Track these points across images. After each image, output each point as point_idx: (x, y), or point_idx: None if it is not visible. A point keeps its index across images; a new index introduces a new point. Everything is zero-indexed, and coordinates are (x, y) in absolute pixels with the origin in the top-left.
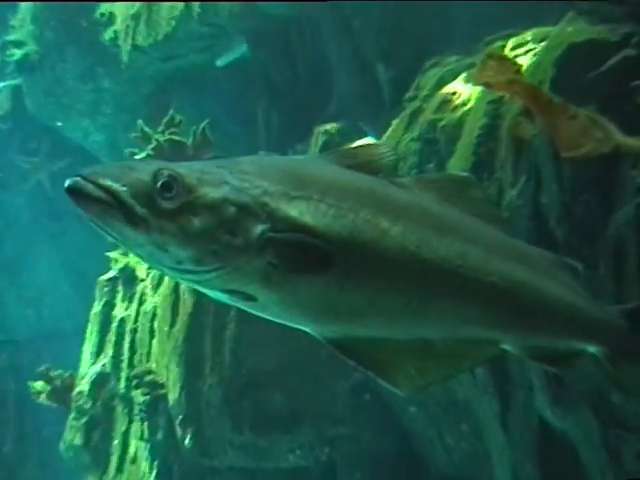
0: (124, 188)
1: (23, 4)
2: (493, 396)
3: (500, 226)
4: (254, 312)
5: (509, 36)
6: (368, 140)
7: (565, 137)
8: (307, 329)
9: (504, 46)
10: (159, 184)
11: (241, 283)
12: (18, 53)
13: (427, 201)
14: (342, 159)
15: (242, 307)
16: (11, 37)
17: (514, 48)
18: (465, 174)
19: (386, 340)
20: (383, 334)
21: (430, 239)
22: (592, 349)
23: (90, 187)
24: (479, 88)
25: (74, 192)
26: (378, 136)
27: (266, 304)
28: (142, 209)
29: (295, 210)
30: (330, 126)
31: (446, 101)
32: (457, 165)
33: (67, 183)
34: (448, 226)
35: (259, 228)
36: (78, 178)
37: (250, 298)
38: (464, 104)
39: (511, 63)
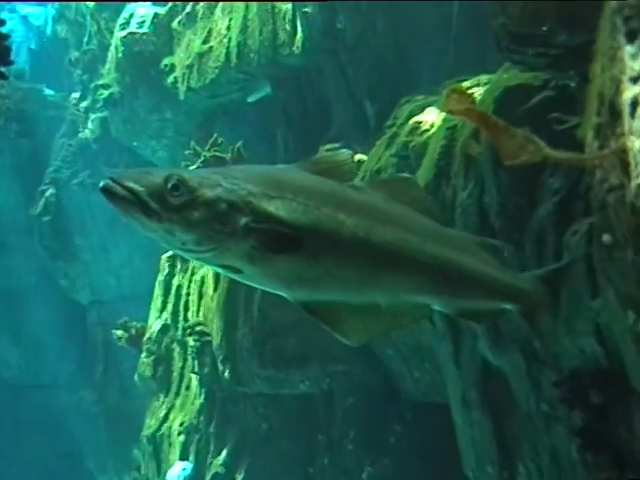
0: (142, 188)
1: (109, 57)
2: (448, 341)
3: (435, 217)
4: (242, 281)
5: (462, 81)
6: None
7: (507, 150)
8: (283, 294)
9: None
10: (169, 185)
11: (231, 260)
12: (105, 93)
13: (376, 199)
14: (312, 167)
15: (233, 277)
16: (100, 81)
17: (466, 89)
18: (408, 176)
19: (343, 303)
20: (342, 299)
21: (377, 228)
22: (509, 307)
23: (117, 188)
24: (440, 119)
25: (106, 191)
26: (366, 153)
27: (251, 275)
28: (156, 205)
29: (272, 207)
30: (330, 146)
31: (415, 128)
32: (423, 174)
33: (101, 184)
34: (392, 218)
35: (243, 220)
36: (109, 180)
37: (239, 271)
38: (428, 130)
39: (468, 96)
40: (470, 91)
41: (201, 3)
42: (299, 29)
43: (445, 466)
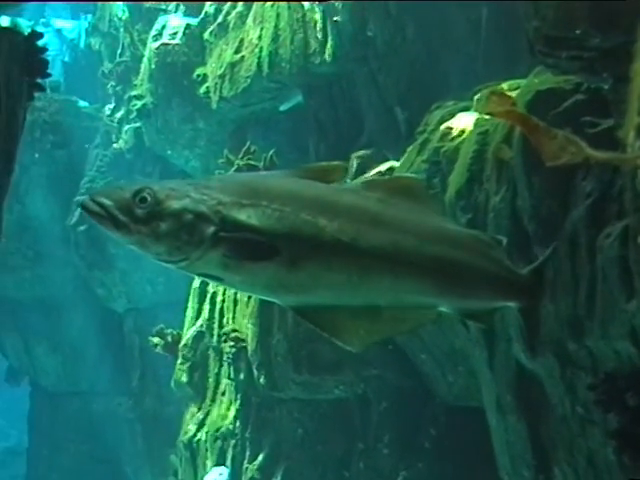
0: (111, 203)
1: (142, 69)
2: (482, 346)
3: (441, 215)
4: (228, 288)
5: (491, 86)
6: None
7: (548, 152)
8: (272, 300)
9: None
10: (137, 199)
11: (206, 269)
12: (139, 104)
13: (368, 201)
14: (301, 173)
15: (218, 284)
16: (134, 92)
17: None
18: (411, 175)
19: (340, 307)
20: (334, 302)
21: (365, 231)
22: (511, 304)
23: (90, 203)
24: (471, 124)
25: (82, 207)
26: (397, 159)
27: (232, 283)
28: (124, 217)
29: (244, 215)
30: (362, 153)
31: (446, 133)
32: (455, 179)
33: (80, 200)
34: (384, 220)
35: (211, 229)
36: (86, 197)
37: (218, 279)
38: (459, 135)
39: (508, 97)
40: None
41: (232, 14)
42: (330, 37)
43: (480, 470)
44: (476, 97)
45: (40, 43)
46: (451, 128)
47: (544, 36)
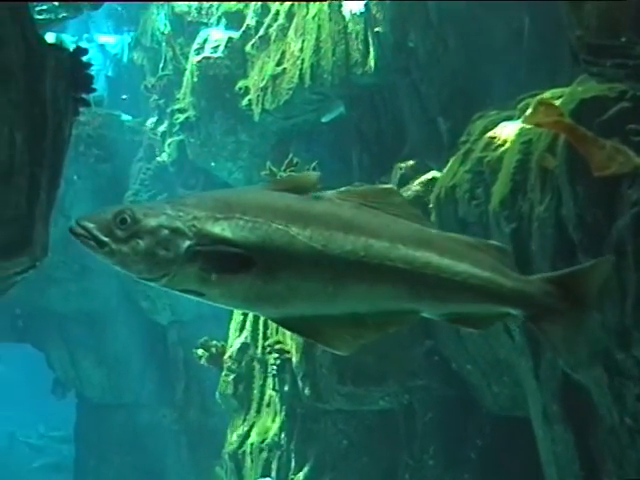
0: (92, 225)
1: (185, 82)
2: (528, 356)
3: (419, 221)
4: (210, 303)
5: (534, 95)
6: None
7: (597, 161)
8: (253, 313)
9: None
10: (117, 220)
11: (186, 284)
12: (182, 117)
13: (341, 208)
14: (275, 185)
15: (200, 300)
16: (176, 106)
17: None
18: (386, 185)
19: (322, 316)
20: (315, 312)
21: (337, 238)
22: (514, 312)
23: (76, 226)
24: (514, 133)
25: (70, 231)
26: (440, 169)
27: (212, 297)
28: (105, 238)
29: (218, 228)
30: (405, 164)
31: (489, 143)
32: (499, 189)
33: (69, 226)
34: (355, 226)
35: (186, 244)
36: (74, 222)
37: (199, 294)
38: (502, 145)
39: (556, 108)
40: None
41: (274, 26)
42: (371, 48)
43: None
44: (519, 106)
45: (85, 59)
46: (494, 138)
47: (588, 44)
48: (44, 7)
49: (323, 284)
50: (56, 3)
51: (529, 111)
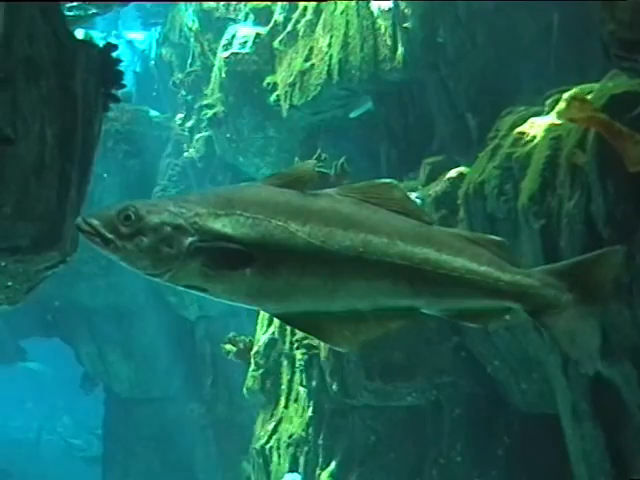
0: (97, 222)
1: (213, 78)
2: (557, 353)
3: (417, 216)
4: (213, 298)
5: (563, 91)
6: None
7: (632, 157)
8: (255, 308)
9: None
10: (121, 217)
11: (188, 280)
12: (210, 113)
13: (341, 204)
14: (275, 181)
15: (203, 295)
16: (204, 102)
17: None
18: (387, 180)
19: (322, 312)
20: (315, 307)
21: (337, 234)
22: (514, 306)
23: (82, 223)
24: (543, 129)
25: (77, 228)
26: (468, 165)
27: (215, 293)
28: (110, 234)
29: (219, 224)
30: (433, 159)
31: (518, 139)
32: (528, 185)
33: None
34: (355, 222)
35: (188, 240)
36: (79, 218)
37: (203, 290)
38: (531, 141)
39: (590, 103)
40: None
41: (302, 22)
42: (400, 44)
43: (555, 476)
44: (548, 102)
45: (114, 55)
46: (523, 133)
47: (620, 39)
48: (74, 4)
49: (323, 280)
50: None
51: (563, 106)
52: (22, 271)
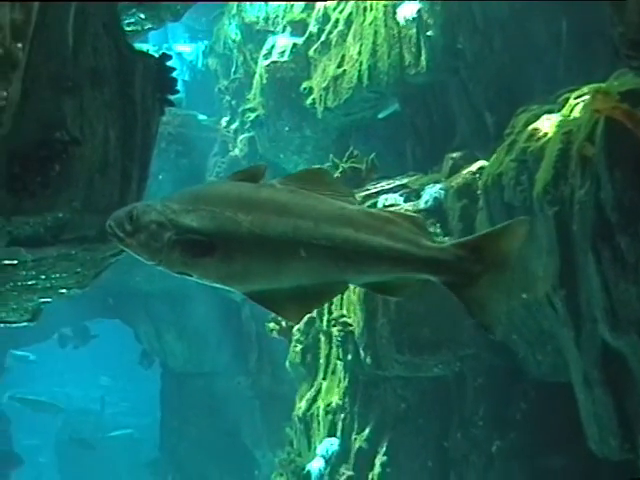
0: (113, 222)
1: (255, 84)
2: (570, 326)
3: (346, 198)
4: (201, 282)
5: (572, 90)
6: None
7: None
8: (230, 289)
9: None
10: (128, 217)
11: (176, 267)
12: (252, 115)
13: (278, 193)
14: (237, 177)
15: (194, 280)
16: (247, 106)
17: (577, 97)
18: (319, 167)
19: (276, 290)
20: (269, 286)
21: (271, 221)
22: (430, 278)
23: (107, 224)
24: (554, 125)
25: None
26: (487, 159)
27: (200, 277)
28: (120, 233)
29: (188, 219)
30: (455, 154)
31: (532, 134)
32: (542, 176)
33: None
34: (288, 209)
35: (167, 235)
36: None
37: (189, 275)
38: (544, 136)
39: (613, 95)
40: (578, 101)
41: (334, 33)
42: (423, 51)
43: (568, 440)
44: (559, 100)
45: (169, 64)
46: (536, 129)
47: (629, 40)
48: (132, 19)
49: (267, 263)
50: (142, 16)
51: (588, 99)
52: (90, 258)
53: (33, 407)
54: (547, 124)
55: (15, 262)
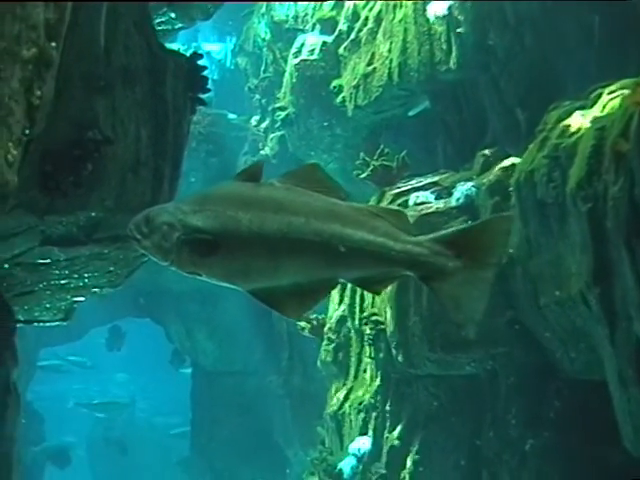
0: (132, 225)
1: (285, 83)
2: (604, 324)
3: (335, 193)
4: (209, 281)
5: (605, 86)
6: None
7: None
8: (234, 287)
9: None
10: (144, 220)
11: (186, 267)
12: (282, 114)
13: (275, 191)
14: (239, 177)
15: (203, 280)
16: (277, 104)
17: (610, 93)
18: (311, 163)
19: (277, 287)
20: (270, 284)
21: (268, 218)
22: (407, 273)
23: (127, 227)
24: (587, 121)
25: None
26: (519, 155)
27: (208, 276)
28: (138, 235)
29: (195, 219)
30: (486, 151)
31: (564, 131)
32: (575, 172)
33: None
34: (282, 206)
35: (176, 235)
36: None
37: (199, 274)
38: (576, 132)
39: None
40: (611, 97)
41: (364, 30)
42: (454, 47)
43: (602, 438)
44: (591, 96)
45: (199, 63)
46: (569, 125)
47: None
48: (163, 19)
49: (266, 260)
50: (173, 15)
51: (628, 92)
52: (122, 257)
53: (101, 410)
54: (580, 120)
55: (48, 261)
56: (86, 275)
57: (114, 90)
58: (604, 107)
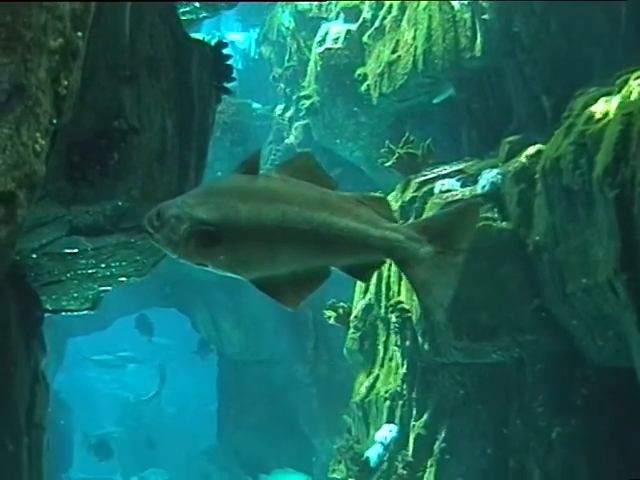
0: (146, 220)
1: (309, 71)
2: (632, 310)
3: (325, 182)
4: (215, 271)
5: (632, 71)
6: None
7: None
8: (238, 277)
9: None
10: (156, 214)
11: (194, 258)
12: (307, 103)
13: (271, 182)
14: (240, 169)
15: (209, 270)
16: (302, 93)
17: (637, 78)
18: (304, 151)
19: (277, 276)
20: (270, 273)
21: (264, 208)
22: (386, 258)
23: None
24: (613, 107)
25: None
26: (544, 142)
27: (214, 267)
28: (150, 229)
29: (199, 212)
30: (512, 138)
31: (590, 117)
32: (602, 159)
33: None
34: (278, 196)
35: (183, 227)
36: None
37: (205, 265)
38: (603, 118)
39: None
40: (638, 82)
41: (388, 18)
42: (479, 34)
43: (630, 425)
44: (617, 83)
45: (224, 51)
46: (595, 112)
47: None
48: (187, 8)
49: (265, 249)
50: (198, 4)
51: None
52: (149, 247)
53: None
54: (606, 106)
55: (75, 251)
56: (113, 264)
57: (140, 80)
58: (631, 93)
